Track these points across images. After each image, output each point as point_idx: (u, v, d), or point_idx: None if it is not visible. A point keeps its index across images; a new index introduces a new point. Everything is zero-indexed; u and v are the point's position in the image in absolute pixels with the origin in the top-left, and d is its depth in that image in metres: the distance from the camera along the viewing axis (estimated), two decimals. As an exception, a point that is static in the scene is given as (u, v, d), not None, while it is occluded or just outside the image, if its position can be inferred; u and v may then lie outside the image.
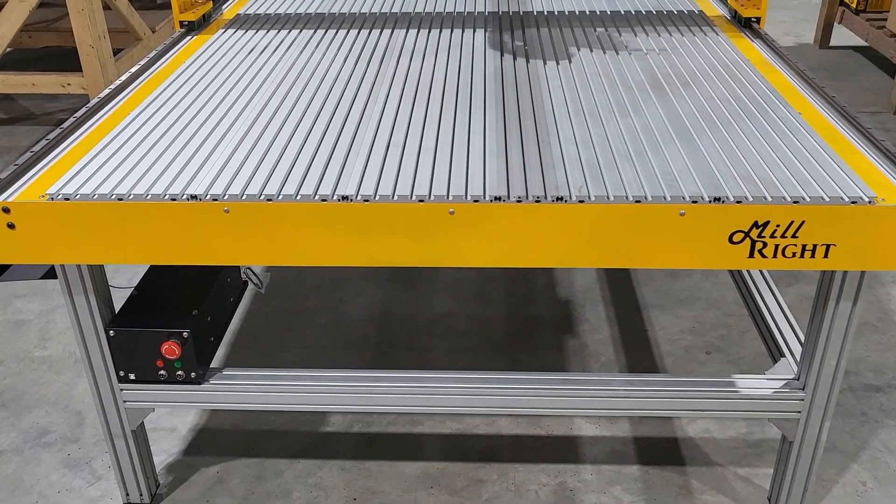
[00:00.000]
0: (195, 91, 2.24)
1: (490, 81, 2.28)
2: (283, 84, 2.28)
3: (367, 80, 2.31)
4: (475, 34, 2.72)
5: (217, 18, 3.03)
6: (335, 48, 2.59)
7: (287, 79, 2.32)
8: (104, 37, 4.33)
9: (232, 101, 2.16)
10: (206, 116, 2.07)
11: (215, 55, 2.55)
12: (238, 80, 2.32)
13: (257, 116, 2.06)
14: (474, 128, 1.98)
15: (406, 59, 2.49)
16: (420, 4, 3.08)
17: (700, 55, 2.47)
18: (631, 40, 2.63)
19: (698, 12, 2.93)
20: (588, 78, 2.30)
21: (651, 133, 1.93)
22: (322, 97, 2.18)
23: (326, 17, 2.95)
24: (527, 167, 1.78)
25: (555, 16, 2.92)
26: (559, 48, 2.56)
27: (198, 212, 1.70)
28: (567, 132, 1.94)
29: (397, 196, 1.68)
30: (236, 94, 2.21)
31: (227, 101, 2.17)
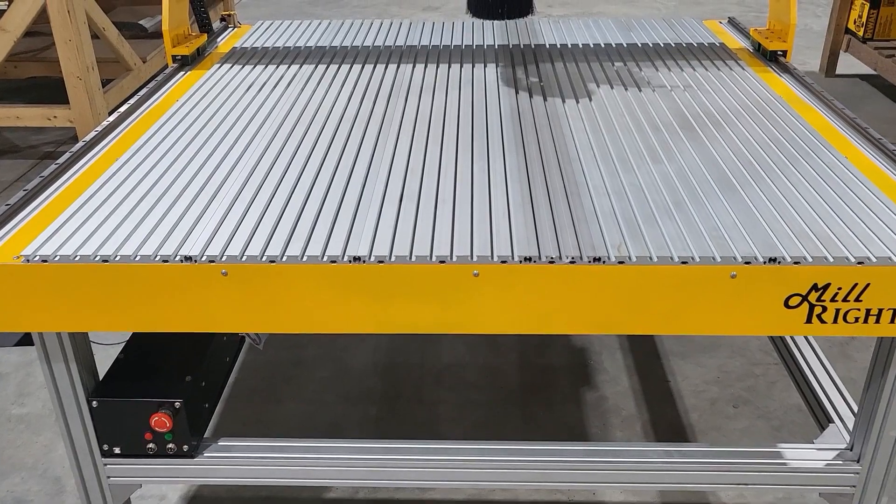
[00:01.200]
0: (188, 135, 2.07)
1: (507, 122, 2.11)
2: (283, 126, 2.11)
3: (375, 120, 2.14)
4: (486, 69, 2.56)
5: (212, 52, 2.87)
6: (339, 85, 2.43)
7: (288, 120, 2.15)
8: (92, 68, 4.16)
9: (228, 146, 1.99)
10: (200, 164, 1.89)
11: (210, 93, 2.38)
12: (235, 121, 2.15)
13: (256, 164, 1.88)
14: (495, 176, 1.81)
15: (415, 96, 2.32)
16: (426, 37, 2.93)
17: (728, 92, 2.32)
18: (652, 75, 2.48)
19: (719, 45, 2.79)
20: (612, 118, 2.13)
21: (689, 182, 1.77)
22: (327, 141, 2.01)
23: (328, 50, 2.79)
24: (557, 222, 1.61)
25: (568, 49, 2.77)
26: (577, 85, 2.40)
27: (193, 275, 1.52)
28: (597, 181, 1.78)
29: (415, 257, 1.51)
30: (233, 138, 2.04)
31: (223, 146, 1.99)
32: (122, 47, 4.58)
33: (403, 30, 3.03)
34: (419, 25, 3.08)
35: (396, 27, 3.07)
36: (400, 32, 3.00)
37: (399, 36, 2.95)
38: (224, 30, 3.16)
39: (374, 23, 3.13)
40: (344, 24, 3.13)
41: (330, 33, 3.01)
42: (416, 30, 3.03)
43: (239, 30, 3.15)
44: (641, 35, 2.92)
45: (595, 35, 2.93)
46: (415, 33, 2.98)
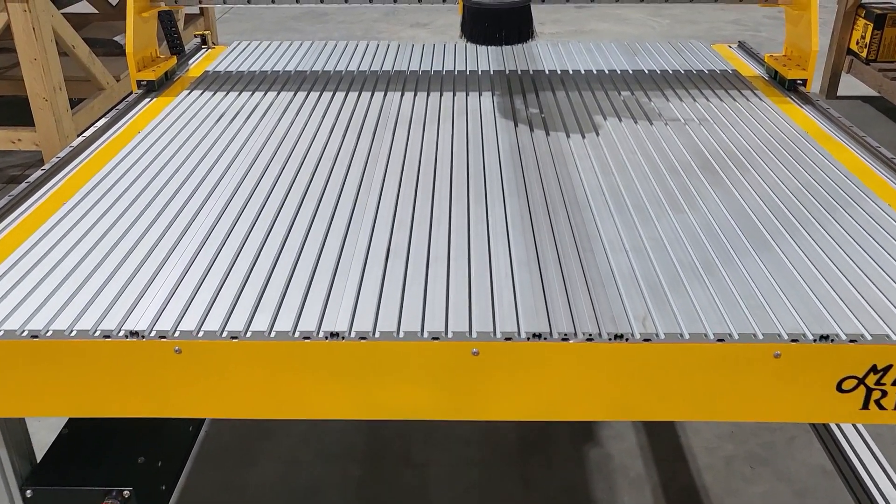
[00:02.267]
0: (145, 177, 1.83)
1: (506, 161, 1.89)
2: (254, 167, 1.87)
3: (359, 158, 1.91)
4: (482, 98, 2.34)
5: (182, 76, 2.63)
6: (319, 115, 2.20)
7: (260, 159, 1.92)
8: (60, 88, 3.92)
9: (189, 192, 1.75)
10: (154, 215, 1.65)
11: (175, 125, 2.15)
12: (199, 160, 1.92)
13: (220, 215, 1.65)
14: (495, 226, 1.58)
15: (403, 129, 2.10)
16: (415, 61, 2.71)
17: (748, 126, 2.11)
18: (663, 106, 2.27)
19: (732, 72, 2.58)
20: (623, 156, 1.92)
21: (717, 237, 1.55)
22: (303, 184, 1.78)
23: (308, 75, 2.56)
24: (569, 286, 1.38)
25: (570, 75, 2.55)
26: (582, 117, 2.18)
27: (140, 353, 1.28)
28: (612, 235, 1.55)
29: (404, 332, 1.28)
30: (195, 182, 1.80)
31: (182, 192, 1.75)
32: (93, 66, 4.34)
33: (391, 53, 2.81)
34: (407, 48, 2.86)
35: (383, 50, 2.85)
36: (387, 55, 2.78)
37: (386, 59, 2.73)
38: (197, 50, 2.93)
39: (360, 45, 2.91)
40: (327, 45, 2.90)
41: (311, 56, 2.78)
42: (405, 53, 2.81)
43: (213, 51, 2.92)
44: (647, 60, 2.71)
45: (598, 60, 2.72)
46: (403, 57, 2.76)
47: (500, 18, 2.11)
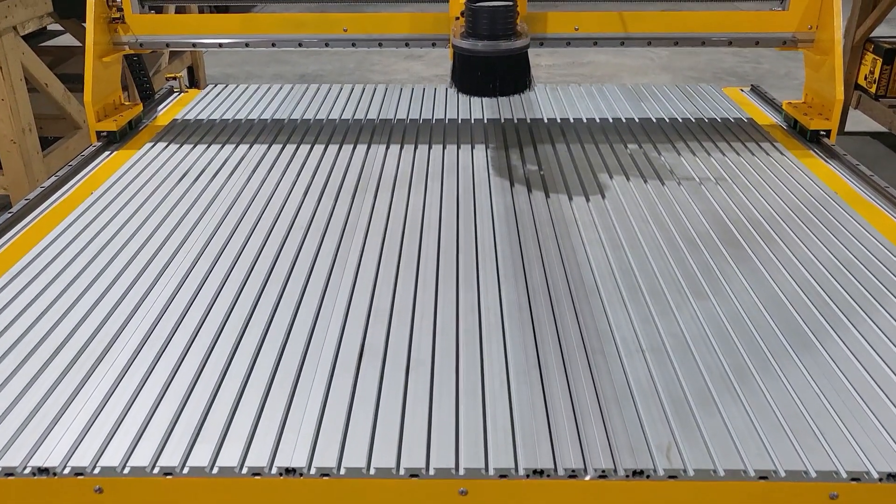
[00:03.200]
0: (86, 254, 1.59)
1: (502, 232, 1.66)
2: (211, 243, 1.64)
3: (333, 231, 1.68)
4: (474, 152, 2.12)
5: (149, 124, 2.41)
6: (293, 174, 1.97)
7: (220, 231, 1.69)
8: (30, 130, 3.70)
9: (130, 278, 1.51)
10: (84, 311, 1.41)
11: (132, 186, 1.92)
12: (150, 233, 1.68)
13: (163, 311, 1.41)
14: (488, 319, 1.35)
15: (386, 192, 1.87)
16: (403, 108, 2.49)
17: (772, 187, 1.89)
18: (675, 162, 2.05)
19: (748, 120, 2.37)
20: (634, 225, 1.69)
21: (748, 332, 1.32)
22: (265, 266, 1.54)
23: (286, 124, 2.34)
24: (576, 405, 1.15)
25: (571, 125, 2.34)
26: (585, 175, 1.96)
27: (52, 494, 1.04)
28: (626, 331, 1.32)
29: (375, 469, 1.04)
30: (142, 263, 1.56)
31: (125, 277, 1.51)
32: (68, 104, 4.11)
33: (377, 97, 2.59)
34: (395, 92, 2.65)
35: (369, 94, 2.63)
36: (373, 100, 2.56)
37: (372, 105, 2.51)
38: (169, 94, 2.71)
39: (344, 88, 2.69)
40: (308, 89, 2.69)
41: (291, 101, 2.57)
42: (392, 97, 2.59)
43: (185, 95, 2.70)
44: (654, 106, 2.50)
45: (600, 106, 2.50)
46: (390, 102, 2.54)
47: (493, 67, 1.90)
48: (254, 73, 7.05)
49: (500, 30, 1.86)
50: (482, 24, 1.85)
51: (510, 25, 1.87)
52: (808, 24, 2.23)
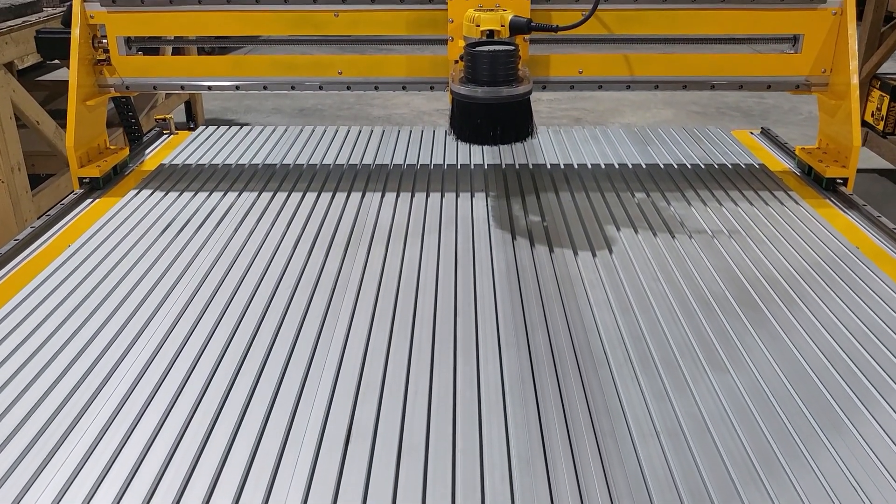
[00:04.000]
0: (58, 315, 1.48)
1: (503, 292, 1.55)
2: (193, 301, 1.53)
3: (323, 289, 1.57)
4: (474, 201, 2.01)
5: (135, 169, 2.32)
6: (282, 225, 1.87)
7: (203, 289, 1.58)
8: (19, 169, 3.61)
9: (106, 340, 1.40)
10: (52, 379, 1.30)
11: (114, 236, 1.82)
12: (130, 290, 1.58)
13: (137, 379, 1.30)
14: (487, 396, 1.23)
15: (380, 244, 1.77)
16: (401, 151, 2.40)
17: (788, 241, 1.78)
18: (685, 213, 1.94)
19: (759, 167, 2.27)
20: (644, 285, 1.58)
21: (773, 412, 1.20)
22: (249, 330, 1.43)
23: (277, 170, 2.25)
24: (584, 496, 1.03)
25: (575, 171, 2.24)
26: (591, 227, 1.86)
27: None
28: (637, 407, 1.21)
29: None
30: (117, 325, 1.45)
31: (99, 339, 1.41)
32: (60, 141, 4.03)
33: (374, 140, 2.50)
34: (392, 134, 2.56)
35: (365, 136, 2.54)
36: (370, 143, 2.47)
37: (368, 148, 2.42)
38: (158, 136, 2.62)
39: (340, 130, 2.60)
40: (303, 131, 2.60)
41: (284, 144, 2.47)
42: (389, 139, 2.50)
43: (175, 138, 2.61)
44: (661, 150, 2.41)
45: (605, 151, 2.41)
46: (387, 145, 2.45)
47: (494, 114, 1.80)
48: (253, 107, 7.00)
49: (501, 75, 1.76)
50: (482, 69, 1.76)
51: (512, 70, 1.77)
52: (821, 68, 2.14)
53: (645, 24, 2.11)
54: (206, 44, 2.70)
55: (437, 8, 2.07)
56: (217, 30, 2.16)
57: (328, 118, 6.79)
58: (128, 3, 2.11)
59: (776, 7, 2.08)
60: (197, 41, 2.76)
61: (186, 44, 4.71)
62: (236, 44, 2.38)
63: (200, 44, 2.93)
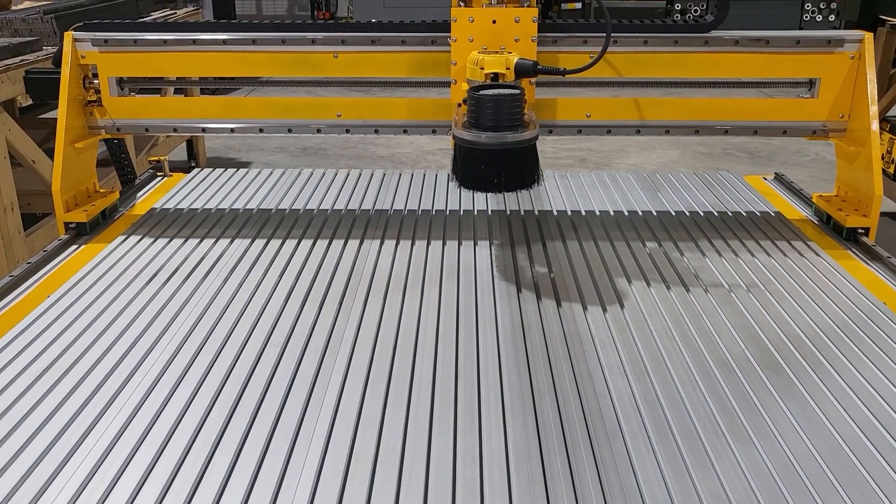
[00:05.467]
0: (28, 375, 1.37)
1: (507, 354, 1.45)
2: (174, 362, 1.42)
3: (314, 348, 1.47)
4: (477, 250, 1.92)
5: (125, 213, 2.23)
6: (274, 275, 1.77)
7: (185, 348, 1.48)
8: (12, 209, 3.53)
9: (83, 397, 1.30)
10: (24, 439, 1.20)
11: (97, 286, 1.72)
12: (109, 345, 1.47)
13: (105, 453, 1.19)
14: (491, 476, 1.12)
15: (378, 297, 1.67)
16: (401, 196, 2.31)
17: (811, 295, 1.68)
18: (699, 264, 1.84)
19: (775, 214, 2.17)
20: (659, 345, 1.48)
21: (805, 492, 1.09)
22: (231, 397, 1.33)
23: (272, 215, 2.16)
24: None
25: (583, 218, 2.14)
26: (601, 280, 1.76)
27: None
28: (655, 486, 1.09)
29: None
30: (95, 382, 1.35)
31: (76, 396, 1.31)
32: (56, 181, 3.96)
33: (374, 183, 2.42)
34: (393, 178, 2.48)
35: (365, 179, 2.46)
36: (370, 187, 2.38)
37: (367, 192, 2.33)
38: (152, 178, 2.54)
39: (339, 174, 2.52)
40: (301, 174, 2.52)
41: (281, 187, 2.39)
42: (390, 184, 2.42)
43: (169, 180, 2.53)
44: (672, 196, 2.32)
45: (614, 196, 2.32)
46: (387, 189, 2.36)
47: (498, 161, 1.71)
48: (255, 146, 6.95)
49: (506, 120, 1.68)
50: (486, 113, 1.67)
51: (517, 115, 1.69)
52: (839, 113, 2.06)
53: (655, 67, 2.04)
54: (210, 85, 2.62)
55: (439, 50, 2.00)
56: (212, 71, 2.09)
57: (331, 157, 6.74)
58: (120, 44, 2.05)
59: (792, 51, 2.00)
60: (200, 82, 2.70)
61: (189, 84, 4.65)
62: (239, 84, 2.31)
63: (203, 84, 2.86)
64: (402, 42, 2.01)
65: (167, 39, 2.04)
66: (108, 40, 2.04)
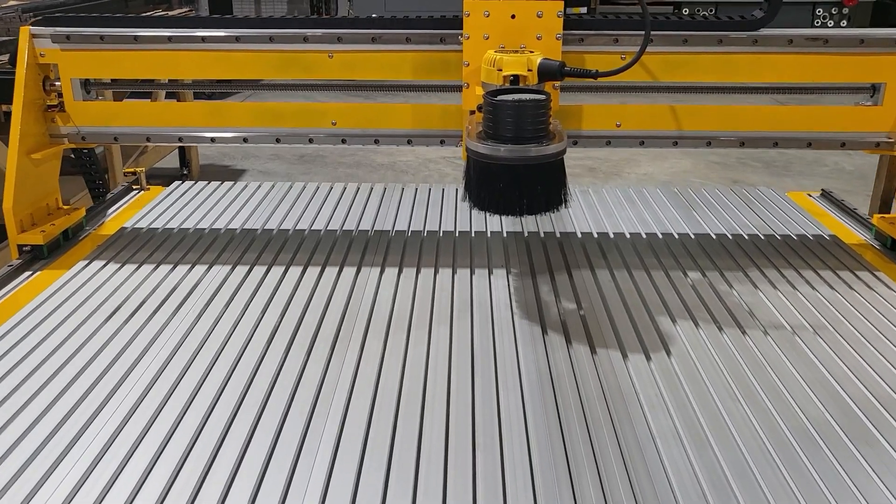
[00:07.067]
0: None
1: (535, 414, 1.18)
2: (129, 424, 1.16)
3: (300, 407, 1.21)
4: (493, 279, 1.66)
5: (91, 233, 1.97)
6: (257, 310, 1.51)
7: (148, 399, 1.22)
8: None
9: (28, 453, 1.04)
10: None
11: (45, 324, 1.46)
12: (57, 396, 1.21)
13: None
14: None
15: (377, 340, 1.41)
16: (404, 215, 2.05)
17: (892, 339, 1.42)
18: (753, 299, 1.58)
19: (829, 238, 1.91)
20: (717, 403, 1.21)
21: None
22: (203, 457, 1.07)
23: (258, 236, 1.89)
24: None
25: (611, 241, 1.88)
26: (640, 318, 1.50)
27: None
28: None
29: None
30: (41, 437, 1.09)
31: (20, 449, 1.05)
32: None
33: (374, 199, 2.16)
34: (395, 193, 2.21)
35: (364, 194, 2.20)
36: (369, 204, 2.12)
37: (367, 211, 2.07)
38: (126, 193, 2.28)
39: (335, 188, 2.26)
40: (293, 187, 2.26)
41: (271, 201, 2.13)
42: (392, 199, 2.16)
43: (146, 194, 2.27)
44: (709, 216, 2.05)
45: (643, 215, 2.05)
46: (389, 206, 2.10)
47: (520, 178, 1.45)
48: (251, 153, 6.69)
49: (529, 131, 1.42)
50: (506, 123, 1.41)
51: (542, 125, 1.43)
52: (906, 123, 1.80)
53: (696, 69, 1.78)
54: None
55: (449, 49, 1.74)
56: (190, 73, 1.84)
57: (330, 164, 6.48)
58: (84, 41, 1.79)
59: (855, 51, 1.75)
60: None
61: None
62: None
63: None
64: (407, 40, 1.76)
65: (139, 36, 1.78)
66: (70, 36, 1.78)
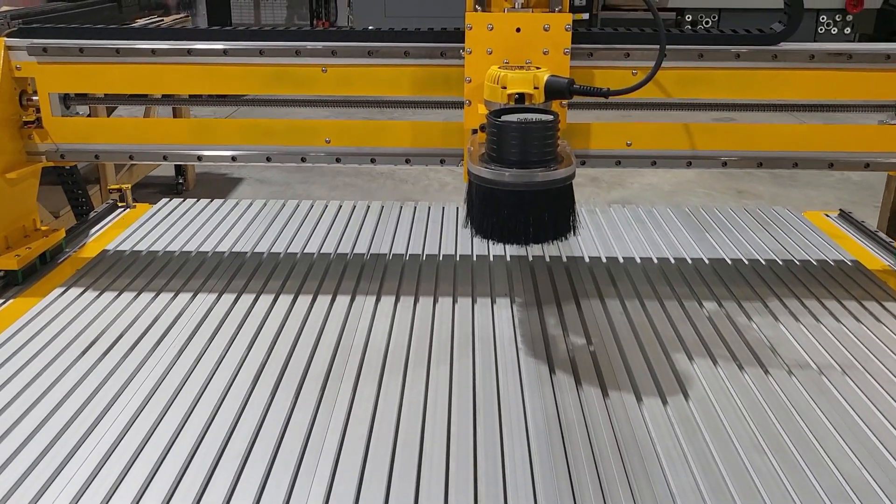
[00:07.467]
0: None
1: (544, 469, 1.08)
2: (103, 470, 1.05)
3: (287, 456, 1.10)
4: (496, 309, 1.55)
5: (71, 256, 1.87)
6: (242, 345, 1.40)
7: (120, 450, 1.11)
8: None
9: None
10: None
11: (15, 359, 1.35)
12: (32, 432, 1.11)
13: None
14: None
15: (371, 382, 1.30)
16: (401, 239, 1.94)
17: (925, 381, 1.31)
18: (774, 333, 1.47)
19: (851, 263, 1.81)
20: (743, 458, 1.11)
21: None
22: (173, 529, 0.97)
23: (247, 261, 1.79)
24: None
25: (621, 267, 1.78)
26: (654, 355, 1.39)
27: None
28: None
29: None
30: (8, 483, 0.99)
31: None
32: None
33: (370, 220, 2.05)
34: (394, 213, 2.11)
35: (360, 215, 2.09)
36: (364, 225, 2.02)
37: (362, 232, 1.97)
38: (111, 211, 2.18)
39: (330, 206, 2.15)
40: (285, 207, 2.15)
41: (262, 221, 2.03)
42: (390, 220, 2.05)
43: (132, 212, 2.17)
44: (724, 239, 1.95)
45: (655, 238, 1.95)
46: (386, 228, 2.00)
47: (526, 204, 1.35)
48: (248, 162, 6.59)
49: (536, 154, 1.32)
50: (510, 145, 1.31)
51: (549, 147, 1.33)
52: (934, 143, 1.70)
53: (712, 86, 1.67)
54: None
55: (450, 64, 1.64)
56: (175, 88, 1.73)
57: (328, 174, 6.37)
58: (63, 53, 1.68)
59: (880, 67, 1.64)
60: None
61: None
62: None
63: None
64: (406, 54, 1.65)
65: (121, 49, 1.68)
66: (47, 49, 1.68)
